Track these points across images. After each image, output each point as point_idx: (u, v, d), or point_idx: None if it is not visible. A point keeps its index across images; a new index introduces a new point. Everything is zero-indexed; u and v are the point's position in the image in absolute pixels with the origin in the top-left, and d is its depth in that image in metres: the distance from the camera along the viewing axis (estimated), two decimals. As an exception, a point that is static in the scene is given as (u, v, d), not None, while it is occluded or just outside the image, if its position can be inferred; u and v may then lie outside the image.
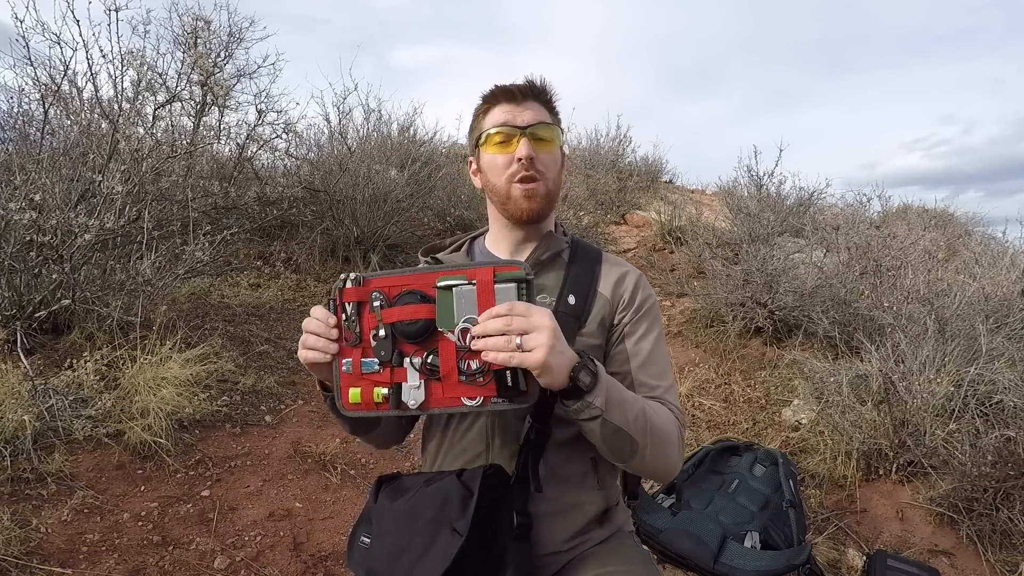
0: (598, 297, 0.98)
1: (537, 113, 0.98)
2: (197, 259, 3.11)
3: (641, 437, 0.83)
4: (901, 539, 2.20)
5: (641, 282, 1.02)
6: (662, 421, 0.88)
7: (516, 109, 0.97)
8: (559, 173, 1.02)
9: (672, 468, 0.90)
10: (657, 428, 0.86)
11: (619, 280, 1.01)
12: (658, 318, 1.01)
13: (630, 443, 0.83)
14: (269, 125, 4.55)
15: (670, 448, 0.88)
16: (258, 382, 2.92)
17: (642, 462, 0.86)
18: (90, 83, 3.43)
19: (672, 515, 1.68)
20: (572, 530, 0.95)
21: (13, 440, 2.07)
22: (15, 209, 2.47)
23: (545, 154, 0.97)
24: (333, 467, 2.40)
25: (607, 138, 7.92)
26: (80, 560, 1.77)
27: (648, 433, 0.84)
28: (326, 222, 4.72)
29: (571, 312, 0.95)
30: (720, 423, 3.04)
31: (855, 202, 6.13)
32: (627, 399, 0.83)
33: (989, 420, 2.43)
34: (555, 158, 1.00)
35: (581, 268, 1.00)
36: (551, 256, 1.01)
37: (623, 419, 0.81)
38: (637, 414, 0.83)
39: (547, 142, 0.98)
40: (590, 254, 1.04)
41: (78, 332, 2.80)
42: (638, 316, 0.98)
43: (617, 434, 0.81)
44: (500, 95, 0.98)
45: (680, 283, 4.76)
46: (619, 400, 0.81)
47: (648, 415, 0.85)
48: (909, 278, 3.44)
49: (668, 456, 0.88)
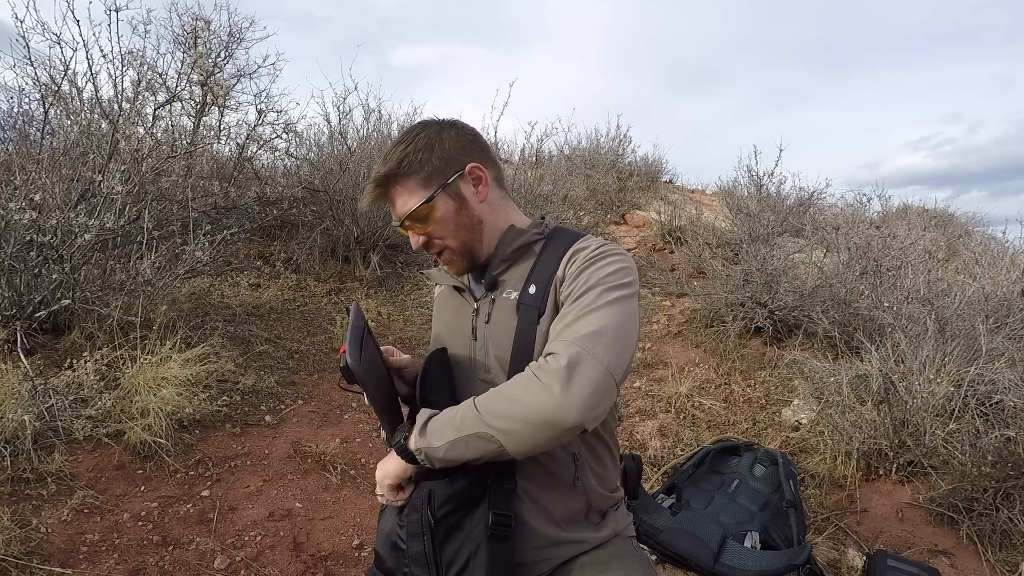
0: (556, 278, 0.93)
1: (405, 199, 0.96)
2: (197, 259, 3.11)
3: (481, 426, 0.79)
4: (901, 539, 2.20)
5: (597, 246, 0.94)
6: (497, 394, 0.82)
7: (389, 204, 1.00)
8: (458, 221, 0.97)
9: (537, 406, 0.77)
10: (489, 403, 0.81)
11: (574, 253, 0.94)
12: (604, 269, 0.89)
13: (482, 440, 0.80)
14: (269, 125, 4.56)
15: (515, 399, 0.79)
16: (258, 382, 2.92)
17: (516, 433, 0.78)
18: (90, 83, 3.43)
19: (672, 515, 1.68)
20: (554, 530, 0.94)
21: (13, 440, 2.07)
22: (15, 209, 2.47)
23: (434, 227, 0.97)
24: (333, 467, 2.40)
25: (607, 138, 7.94)
26: (80, 560, 1.77)
27: (487, 413, 0.80)
28: (326, 222, 4.72)
29: (531, 302, 0.93)
30: (720, 423, 3.03)
31: (855, 202, 6.15)
32: (447, 415, 0.84)
33: (989, 420, 2.43)
34: (443, 219, 0.96)
35: (550, 255, 0.96)
36: (517, 250, 0.98)
37: (454, 431, 0.81)
38: (463, 415, 0.82)
39: (425, 219, 0.96)
40: (566, 239, 0.98)
41: (78, 332, 2.80)
42: (576, 275, 0.90)
43: (465, 443, 0.81)
44: (368, 196, 1.00)
45: (680, 283, 4.76)
46: (441, 423, 0.84)
47: (475, 403, 0.82)
48: (909, 278, 3.44)
49: (521, 403, 0.78)
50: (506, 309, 0.96)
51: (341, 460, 2.45)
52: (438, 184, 0.95)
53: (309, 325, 3.81)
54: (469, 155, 0.98)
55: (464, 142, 0.99)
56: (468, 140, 0.99)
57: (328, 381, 3.16)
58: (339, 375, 0.85)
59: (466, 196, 0.97)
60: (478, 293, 1.02)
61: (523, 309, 0.93)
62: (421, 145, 0.95)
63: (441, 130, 0.98)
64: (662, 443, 2.80)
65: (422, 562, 0.84)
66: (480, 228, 0.99)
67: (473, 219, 0.98)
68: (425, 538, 0.84)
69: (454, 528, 0.85)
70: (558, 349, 0.81)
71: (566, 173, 6.93)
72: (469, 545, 0.84)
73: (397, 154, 0.95)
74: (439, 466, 0.83)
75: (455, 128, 0.99)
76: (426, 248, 1.00)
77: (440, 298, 1.13)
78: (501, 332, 0.95)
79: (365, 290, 4.52)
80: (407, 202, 0.96)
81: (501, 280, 0.99)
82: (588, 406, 0.76)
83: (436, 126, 0.99)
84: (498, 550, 0.84)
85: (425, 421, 0.85)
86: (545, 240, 1.00)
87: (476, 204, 0.98)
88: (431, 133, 0.97)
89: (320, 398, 2.97)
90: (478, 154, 0.99)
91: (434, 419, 0.85)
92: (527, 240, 0.99)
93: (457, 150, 0.97)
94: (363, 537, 2.06)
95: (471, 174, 0.97)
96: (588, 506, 0.97)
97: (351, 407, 2.93)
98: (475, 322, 0.99)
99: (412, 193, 0.96)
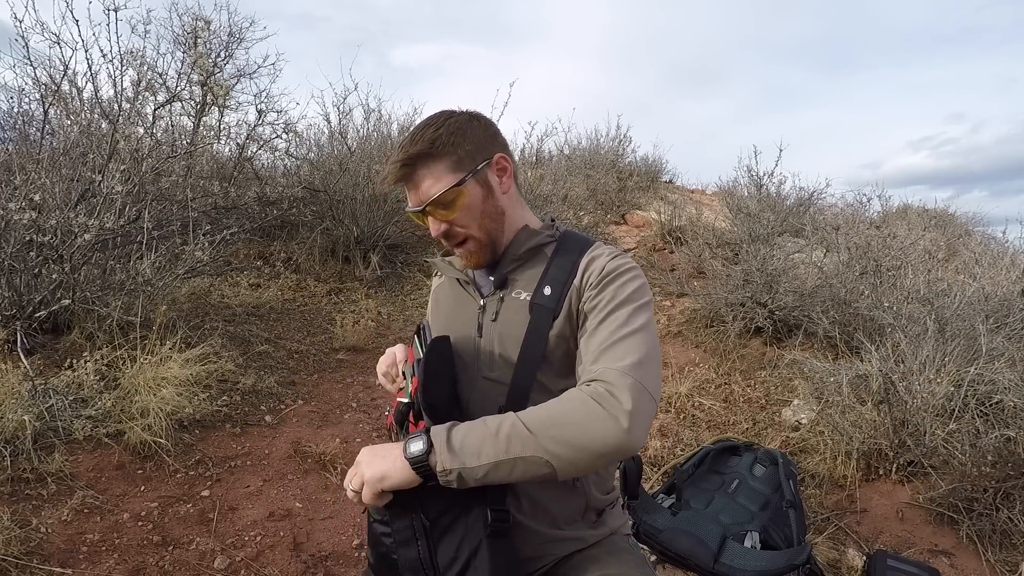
0: (572, 286, 0.93)
1: (431, 183, 0.92)
2: (197, 259, 3.11)
3: (535, 449, 0.75)
4: (901, 539, 2.20)
5: (612, 258, 0.94)
6: (548, 411, 0.78)
7: (409, 187, 0.95)
8: (484, 209, 0.96)
9: (602, 437, 0.75)
10: (546, 426, 0.76)
11: (590, 262, 0.94)
12: (627, 287, 0.90)
13: (532, 464, 0.75)
14: (269, 125, 4.57)
15: (578, 425, 0.76)
16: (258, 382, 2.92)
17: (573, 461, 0.76)
18: (90, 83, 3.44)
19: (672, 515, 1.67)
20: (551, 529, 0.94)
21: (13, 440, 2.08)
22: (15, 209, 2.48)
23: (459, 214, 0.94)
24: (333, 467, 2.40)
25: (607, 138, 7.94)
26: (80, 560, 1.77)
27: (544, 437, 0.75)
28: (326, 222, 4.72)
29: (546, 303, 0.92)
30: (720, 423, 3.04)
31: (855, 202, 6.15)
32: (480, 432, 0.77)
33: (989, 420, 2.43)
34: (470, 207, 0.94)
35: (563, 259, 0.96)
36: (530, 250, 0.98)
37: (498, 452, 0.75)
38: (509, 435, 0.76)
39: (451, 205, 0.93)
40: (578, 244, 0.98)
41: (78, 332, 2.80)
42: (599, 290, 0.90)
43: (511, 465, 0.75)
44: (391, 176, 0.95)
45: (680, 283, 4.76)
46: (476, 440, 0.76)
47: (523, 422, 0.77)
48: (909, 278, 3.44)
49: (585, 432, 0.75)
50: (516, 309, 0.95)
51: (341, 460, 2.45)
52: (468, 169, 0.93)
53: (309, 325, 3.81)
54: (495, 145, 0.98)
55: (491, 132, 0.99)
56: (494, 131, 0.99)
57: (328, 381, 3.16)
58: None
59: (492, 185, 0.97)
60: (485, 290, 1.01)
61: (537, 310, 0.92)
62: (453, 128, 0.93)
63: (470, 118, 0.97)
64: (662, 443, 2.80)
65: (417, 569, 0.80)
66: (503, 220, 0.98)
67: (498, 209, 0.97)
68: (419, 543, 0.81)
69: (447, 530, 0.82)
70: (613, 379, 0.78)
71: (566, 173, 6.93)
72: (468, 544, 0.81)
73: (429, 134, 0.92)
74: (471, 487, 0.77)
75: (481, 118, 0.99)
76: (446, 237, 0.97)
77: (440, 290, 1.11)
78: (510, 331, 0.94)
79: (365, 290, 4.52)
80: (433, 186, 0.92)
81: (512, 279, 0.98)
82: (644, 438, 0.78)
83: (464, 114, 0.97)
84: (500, 546, 0.82)
85: (447, 436, 0.77)
86: (556, 243, 1.00)
87: (500, 195, 0.98)
88: (461, 119, 0.95)
89: (320, 398, 2.97)
90: (501, 146, 0.99)
91: (460, 434, 0.78)
92: (540, 242, 0.99)
93: (485, 139, 0.97)
94: (363, 537, 2.06)
95: (497, 163, 0.97)
96: (586, 506, 0.97)
97: (351, 407, 2.93)
98: (481, 319, 0.98)
99: (439, 177, 0.93)
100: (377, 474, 0.78)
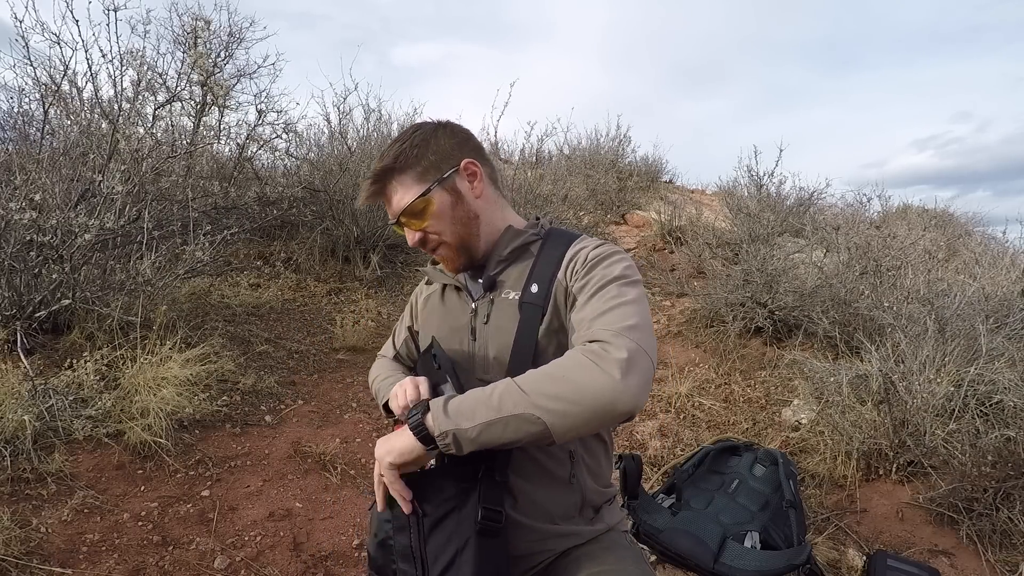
0: (557, 280, 0.94)
1: (401, 195, 0.97)
2: (197, 259, 3.11)
3: (526, 406, 0.75)
4: (901, 539, 2.20)
5: (596, 246, 0.96)
6: (543, 370, 0.79)
7: (384, 202, 1.01)
8: (455, 215, 0.98)
9: (595, 389, 0.74)
10: (537, 383, 0.77)
11: (575, 254, 0.96)
12: (615, 268, 0.91)
13: (525, 422, 0.75)
14: (269, 125, 4.56)
15: (570, 380, 0.76)
16: (258, 382, 2.92)
17: (565, 416, 0.75)
18: (90, 83, 3.44)
19: (672, 515, 1.68)
20: (548, 525, 0.94)
21: (13, 440, 2.08)
22: (15, 209, 2.47)
23: (430, 222, 0.97)
24: (333, 467, 2.40)
25: (607, 138, 7.94)
26: (80, 560, 1.77)
27: (534, 393, 0.75)
28: (326, 222, 4.72)
29: (534, 301, 0.94)
30: (720, 423, 3.03)
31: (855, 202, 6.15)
32: (477, 396, 0.79)
33: (989, 420, 2.43)
34: (439, 214, 0.97)
35: (549, 255, 0.97)
36: (515, 250, 0.99)
37: (490, 411, 0.76)
38: (501, 395, 0.77)
39: (422, 214, 0.96)
40: (563, 239, 1.00)
41: (78, 332, 2.80)
42: (585, 273, 0.91)
43: (503, 424, 0.75)
44: (364, 194, 1.01)
45: (680, 283, 4.76)
46: (471, 403, 0.78)
47: (516, 383, 0.78)
48: (909, 278, 3.44)
49: (577, 385, 0.75)
50: (506, 309, 0.96)
51: (341, 460, 2.45)
52: (434, 178, 0.97)
53: (309, 325, 3.81)
54: (464, 152, 1.00)
55: (459, 139, 1.01)
56: (463, 138, 1.02)
57: (328, 381, 3.16)
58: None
59: (462, 191, 0.99)
60: (476, 293, 1.02)
61: (526, 308, 0.93)
62: (417, 142, 0.97)
63: (436, 128, 1.01)
64: (662, 443, 2.81)
65: (408, 556, 0.82)
66: (476, 223, 1.00)
67: (469, 214, 0.99)
68: (411, 531, 0.82)
69: (438, 523, 0.82)
70: (607, 338, 0.78)
71: (566, 173, 6.93)
72: (456, 540, 0.81)
73: (393, 151, 0.97)
74: (468, 450, 0.77)
75: (449, 127, 1.02)
76: (422, 245, 1.00)
77: (433, 298, 1.12)
78: (501, 332, 0.95)
79: (365, 290, 4.52)
80: (403, 197, 0.97)
81: (500, 280, 0.99)
82: (642, 395, 0.76)
83: (431, 125, 1.01)
84: (487, 546, 0.81)
85: (445, 403, 0.79)
86: (542, 240, 1.01)
87: (472, 199, 1.00)
88: (426, 131, 0.99)
89: (320, 398, 2.97)
90: (472, 152, 1.02)
91: (457, 401, 0.79)
92: (525, 241, 1.00)
93: (452, 147, 0.99)
94: (363, 537, 2.06)
95: (466, 169, 0.99)
96: (583, 502, 0.98)
97: (351, 407, 2.93)
98: (474, 322, 1.00)
99: (408, 189, 0.97)
100: (387, 448, 0.82)
